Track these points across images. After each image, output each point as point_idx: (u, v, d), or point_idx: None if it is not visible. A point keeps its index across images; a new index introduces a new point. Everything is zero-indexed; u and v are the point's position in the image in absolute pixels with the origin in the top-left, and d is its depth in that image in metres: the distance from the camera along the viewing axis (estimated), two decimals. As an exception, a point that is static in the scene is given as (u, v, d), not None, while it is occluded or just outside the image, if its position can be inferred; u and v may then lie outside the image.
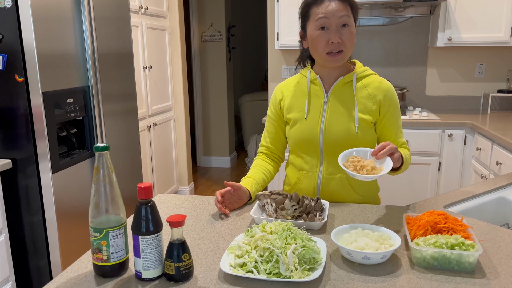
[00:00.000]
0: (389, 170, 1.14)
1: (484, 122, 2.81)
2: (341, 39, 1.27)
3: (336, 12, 1.26)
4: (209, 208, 1.36)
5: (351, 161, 1.20)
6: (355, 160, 1.19)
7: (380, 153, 1.15)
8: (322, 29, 1.29)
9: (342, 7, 1.27)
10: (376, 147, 1.17)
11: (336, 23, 1.27)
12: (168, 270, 0.92)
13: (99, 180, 0.92)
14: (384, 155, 1.15)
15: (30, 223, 2.13)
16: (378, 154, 1.15)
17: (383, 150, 1.15)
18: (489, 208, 1.45)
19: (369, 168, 1.16)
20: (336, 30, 1.27)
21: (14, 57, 1.96)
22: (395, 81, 3.50)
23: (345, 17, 1.27)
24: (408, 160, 1.33)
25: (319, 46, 1.30)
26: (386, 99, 1.36)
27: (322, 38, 1.29)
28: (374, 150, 1.17)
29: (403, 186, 3.01)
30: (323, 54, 1.30)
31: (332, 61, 1.31)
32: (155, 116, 3.53)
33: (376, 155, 1.16)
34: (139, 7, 3.20)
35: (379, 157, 1.15)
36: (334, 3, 1.27)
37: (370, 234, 1.04)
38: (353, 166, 1.17)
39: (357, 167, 1.17)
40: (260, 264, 0.92)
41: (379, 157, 1.15)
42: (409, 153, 1.40)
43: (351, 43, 1.30)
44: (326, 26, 1.28)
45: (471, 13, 2.99)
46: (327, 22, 1.27)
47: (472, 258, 0.93)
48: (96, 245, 0.93)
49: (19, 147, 2.05)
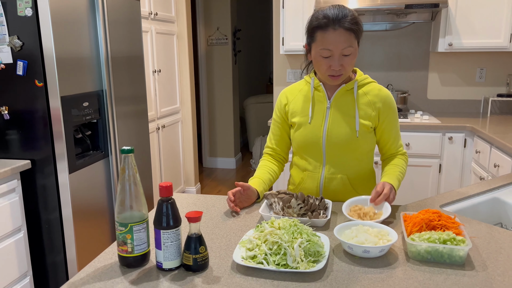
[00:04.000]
0: (389, 214, 1.26)
1: (484, 126, 2.90)
2: (342, 65, 1.36)
3: (340, 44, 1.33)
4: (220, 206, 1.46)
5: (353, 210, 1.33)
6: (357, 209, 1.33)
7: (377, 200, 1.31)
8: (324, 57, 1.37)
9: (346, 37, 1.33)
10: (373, 195, 1.33)
11: (339, 53, 1.34)
12: (187, 261, 1.02)
13: (124, 180, 1.02)
14: (381, 201, 1.31)
15: (48, 221, 2.23)
16: (376, 201, 1.32)
17: (379, 197, 1.31)
18: (484, 208, 1.54)
19: (371, 214, 1.30)
20: (338, 58, 1.35)
21: (34, 63, 2.07)
22: (397, 85, 3.59)
23: (348, 48, 1.34)
24: (400, 179, 1.46)
25: (321, 68, 1.40)
26: (385, 105, 1.46)
27: (324, 64, 1.38)
28: (371, 197, 1.33)
29: (405, 187, 3.10)
30: (325, 74, 1.40)
31: (332, 81, 1.42)
32: (163, 118, 3.64)
33: (374, 202, 1.32)
34: (149, 13, 3.31)
35: (377, 203, 1.32)
36: (339, 33, 1.32)
37: (370, 230, 1.13)
38: (357, 215, 1.30)
39: (360, 214, 1.30)
40: (269, 256, 1.02)
41: (377, 203, 1.32)
42: (405, 163, 1.52)
43: (352, 66, 1.40)
44: (329, 55, 1.36)
45: (471, 19, 3.07)
46: (330, 52, 1.35)
47: (462, 252, 1.03)
48: (122, 238, 1.03)
49: (38, 149, 2.16)
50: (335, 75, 1.39)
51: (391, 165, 1.50)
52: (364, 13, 3.37)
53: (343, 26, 1.32)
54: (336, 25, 1.32)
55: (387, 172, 1.47)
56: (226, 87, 5.16)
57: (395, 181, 1.41)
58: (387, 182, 1.38)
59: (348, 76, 1.45)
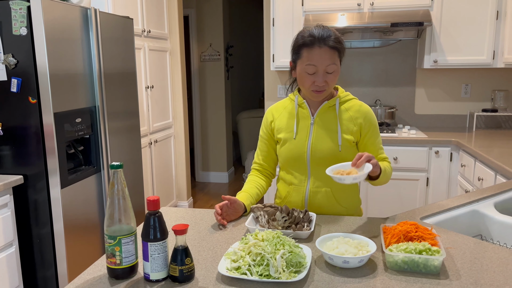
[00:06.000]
0: (370, 169, 1.30)
1: (470, 140, 2.97)
2: (326, 82, 1.44)
3: (324, 61, 1.41)
4: (208, 220, 1.50)
5: (336, 172, 1.36)
6: (340, 171, 1.36)
7: (359, 161, 1.32)
8: (309, 73, 1.44)
9: (330, 55, 1.41)
10: (354, 158, 1.34)
11: (323, 69, 1.42)
12: (173, 272, 1.06)
13: (113, 194, 1.06)
14: (363, 162, 1.32)
15: (39, 235, 2.25)
16: (358, 162, 1.32)
17: (361, 158, 1.32)
18: (463, 220, 1.60)
19: (354, 173, 1.32)
20: (322, 75, 1.43)
21: (28, 80, 2.12)
22: (385, 100, 3.68)
23: (331, 66, 1.42)
24: (387, 170, 1.49)
25: (306, 84, 1.47)
26: (366, 121, 1.53)
27: (308, 79, 1.45)
28: (353, 161, 1.34)
29: (394, 200, 3.16)
30: (309, 90, 1.47)
31: (315, 97, 1.49)
32: (156, 133, 3.68)
33: (355, 164, 1.33)
34: (142, 30, 3.39)
35: (358, 165, 1.33)
36: (324, 50, 1.40)
37: (350, 242, 1.18)
38: (340, 174, 1.34)
39: (343, 174, 1.33)
40: (252, 267, 1.06)
41: (358, 165, 1.32)
42: (390, 166, 1.55)
43: (334, 83, 1.47)
44: (314, 71, 1.43)
45: (455, 37, 3.18)
46: (315, 68, 1.43)
47: (437, 261, 1.08)
48: (110, 250, 1.07)
49: (31, 164, 2.19)
50: (319, 90, 1.45)
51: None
52: (352, 30, 3.47)
53: (327, 45, 1.40)
54: (321, 43, 1.40)
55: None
56: (219, 102, 5.23)
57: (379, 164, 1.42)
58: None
59: (330, 92, 1.52)
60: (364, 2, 3.23)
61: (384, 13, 3.16)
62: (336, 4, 3.27)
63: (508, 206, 1.74)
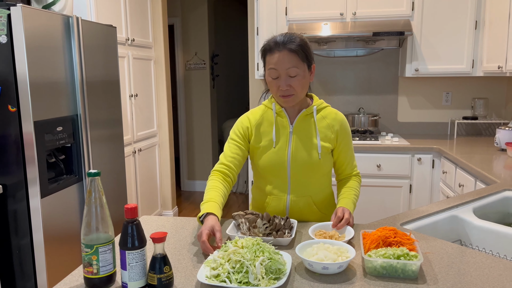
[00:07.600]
0: (352, 235, 1.33)
1: (451, 147, 3.02)
2: (290, 86, 1.44)
3: (283, 64, 1.42)
4: (189, 228, 1.49)
5: (318, 235, 1.37)
6: (322, 233, 1.38)
7: (339, 225, 1.38)
8: (273, 78, 1.45)
9: (290, 58, 1.41)
10: (334, 220, 1.39)
11: (285, 73, 1.43)
12: (151, 281, 1.05)
13: (91, 202, 1.05)
14: (343, 226, 1.38)
15: (18, 246, 2.21)
16: (338, 226, 1.38)
17: (341, 222, 1.38)
18: (443, 225, 1.62)
19: (336, 237, 1.35)
20: (285, 79, 1.44)
21: (8, 89, 2.10)
22: (368, 108, 3.72)
23: (292, 69, 1.42)
24: (355, 202, 1.55)
25: (272, 89, 1.49)
26: (342, 128, 1.56)
27: (273, 85, 1.47)
28: (333, 222, 1.39)
29: (378, 207, 3.18)
30: (276, 95, 1.49)
31: (284, 102, 1.50)
32: (140, 142, 3.66)
33: (336, 226, 1.38)
34: (126, 39, 3.38)
35: (339, 228, 1.38)
36: (283, 54, 1.41)
37: (330, 248, 1.19)
38: (323, 238, 1.34)
39: (326, 237, 1.35)
40: (232, 274, 1.06)
41: (339, 228, 1.38)
42: (359, 185, 1.61)
43: (301, 86, 1.46)
44: (276, 76, 1.44)
45: (436, 46, 3.24)
46: (277, 72, 1.44)
47: (414, 266, 1.09)
48: (87, 259, 1.05)
49: (10, 173, 2.15)
50: (284, 95, 1.46)
51: (347, 188, 1.58)
52: (336, 39, 3.51)
53: (287, 48, 1.42)
54: (280, 47, 1.43)
55: (344, 195, 1.55)
56: (204, 111, 5.23)
57: (351, 206, 1.50)
58: (346, 208, 1.45)
59: (301, 99, 1.52)
60: (347, 12, 3.28)
61: (366, 22, 3.21)
62: (319, 13, 3.31)
63: (486, 211, 1.77)
